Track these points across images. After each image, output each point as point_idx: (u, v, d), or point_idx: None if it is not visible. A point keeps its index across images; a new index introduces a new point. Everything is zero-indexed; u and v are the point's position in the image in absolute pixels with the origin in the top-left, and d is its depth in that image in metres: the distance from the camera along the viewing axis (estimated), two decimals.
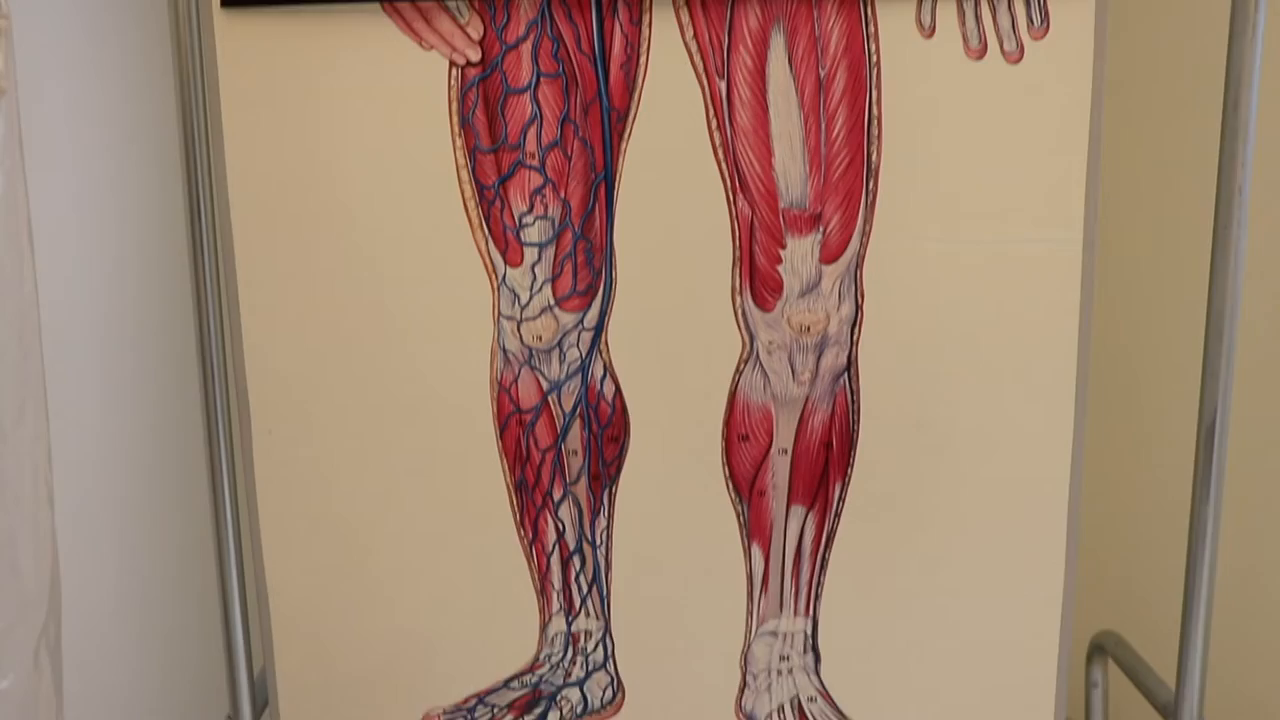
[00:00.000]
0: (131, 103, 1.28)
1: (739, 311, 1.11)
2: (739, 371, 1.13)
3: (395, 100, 1.09)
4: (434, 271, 1.11)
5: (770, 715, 1.20)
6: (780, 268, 1.11)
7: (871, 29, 1.07)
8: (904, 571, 1.16)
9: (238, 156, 1.10)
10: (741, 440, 1.14)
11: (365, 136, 1.09)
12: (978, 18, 1.07)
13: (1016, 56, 1.08)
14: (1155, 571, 1.41)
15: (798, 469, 1.15)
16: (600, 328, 1.12)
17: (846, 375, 1.13)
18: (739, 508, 1.15)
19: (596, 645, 1.19)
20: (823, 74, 1.08)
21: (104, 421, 1.30)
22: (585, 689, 1.20)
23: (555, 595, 1.17)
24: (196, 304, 1.11)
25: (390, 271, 1.11)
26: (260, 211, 1.11)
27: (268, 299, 1.12)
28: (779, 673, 1.19)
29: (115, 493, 1.32)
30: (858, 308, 1.11)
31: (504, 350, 1.13)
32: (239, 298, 1.12)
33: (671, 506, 1.15)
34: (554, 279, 1.11)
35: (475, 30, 1.08)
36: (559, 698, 1.20)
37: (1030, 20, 1.07)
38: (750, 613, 1.18)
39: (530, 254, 1.11)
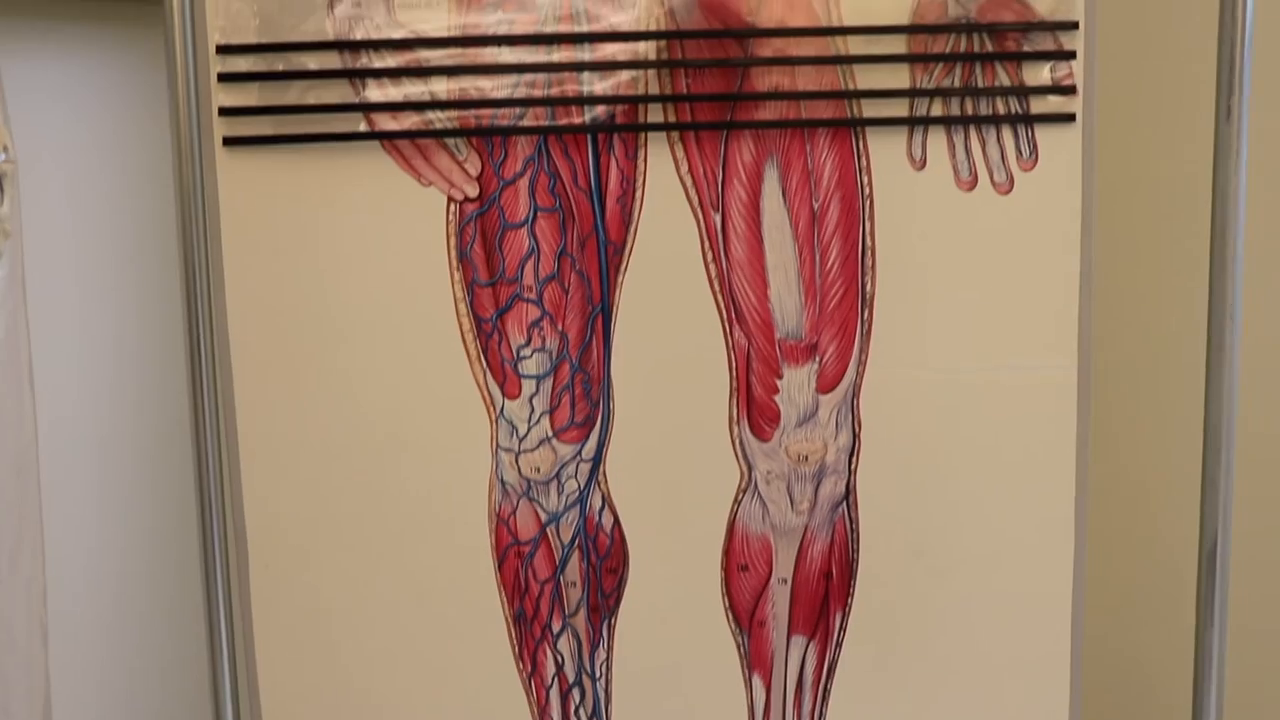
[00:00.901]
0: (133, 238, 1.29)
1: (737, 441, 1.12)
2: (737, 501, 1.12)
3: (394, 235, 1.10)
4: (432, 404, 1.11)
5: None
6: (777, 397, 1.11)
7: (864, 162, 1.09)
8: (907, 700, 1.15)
9: (238, 291, 1.11)
10: (741, 570, 1.13)
11: (364, 271, 1.10)
12: (968, 150, 1.09)
13: (1007, 187, 1.09)
14: (1162, 693, 1.40)
15: (798, 599, 1.14)
16: (598, 459, 1.12)
17: (845, 504, 1.12)
18: (739, 638, 1.14)
19: None
20: (816, 206, 1.09)
21: (100, 557, 1.29)
22: None
23: None
24: (195, 440, 1.11)
25: (388, 404, 1.11)
26: (259, 345, 1.11)
27: (266, 433, 1.12)
28: None
29: (111, 629, 1.31)
30: (855, 436, 1.12)
31: (502, 482, 1.12)
32: (237, 432, 1.12)
33: (671, 638, 1.14)
34: (552, 411, 1.12)
35: (473, 166, 1.09)
36: None
37: (1019, 151, 1.09)
38: None
39: (528, 386, 1.11)
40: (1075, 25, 1.08)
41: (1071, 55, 1.08)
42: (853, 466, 1.12)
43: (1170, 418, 1.34)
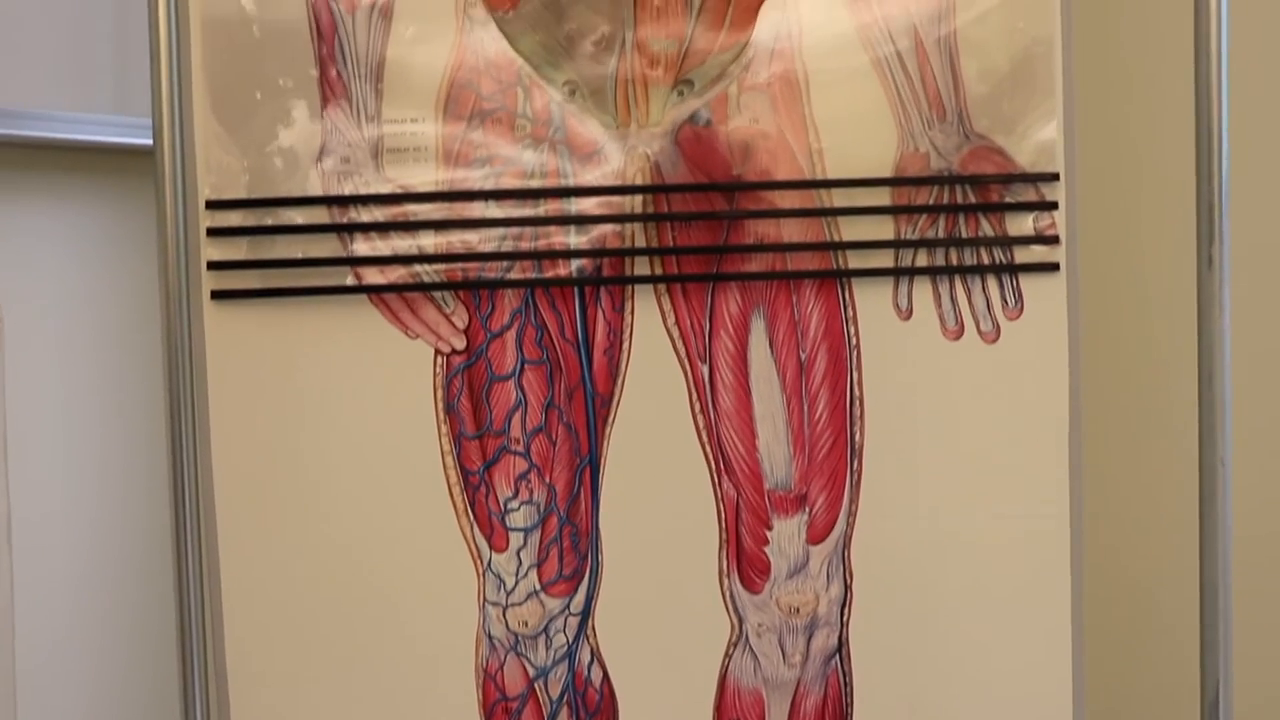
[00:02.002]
0: (119, 387, 1.29)
1: (727, 594, 1.10)
2: (728, 655, 1.11)
3: (380, 388, 1.10)
4: (419, 558, 1.10)
5: None
6: (767, 549, 1.10)
7: (850, 312, 1.09)
8: None
9: (223, 443, 1.10)
10: None
11: (350, 424, 1.10)
12: (953, 299, 1.09)
13: (993, 336, 1.09)
14: None
15: None
16: (587, 612, 1.11)
17: (838, 656, 1.11)
18: None
19: None
20: (803, 357, 1.09)
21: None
22: None
23: None
24: (178, 596, 1.09)
25: (375, 558, 1.10)
26: (244, 498, 1.10)
27: (250, 587, 1.10)
28: None
29: None
30: (847, 587, 1.10)
31: (489, 636, 1.11)
32: (221, 585, 1.10)
33: None
34: (540, 564, 1.10)
35: (460, 319, 1.10)
36: None
37: (1005, 301, 1.09)
38: None
39: (516, 539, 1.10)
40: (1056, 177, 1.09)
41: (1053, 206, 1.09)
42: (845, 618, 1.10)
43: (1163, 565, 1.33)
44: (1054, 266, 1.09)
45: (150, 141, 1.10)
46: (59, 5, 1.22)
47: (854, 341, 1.09)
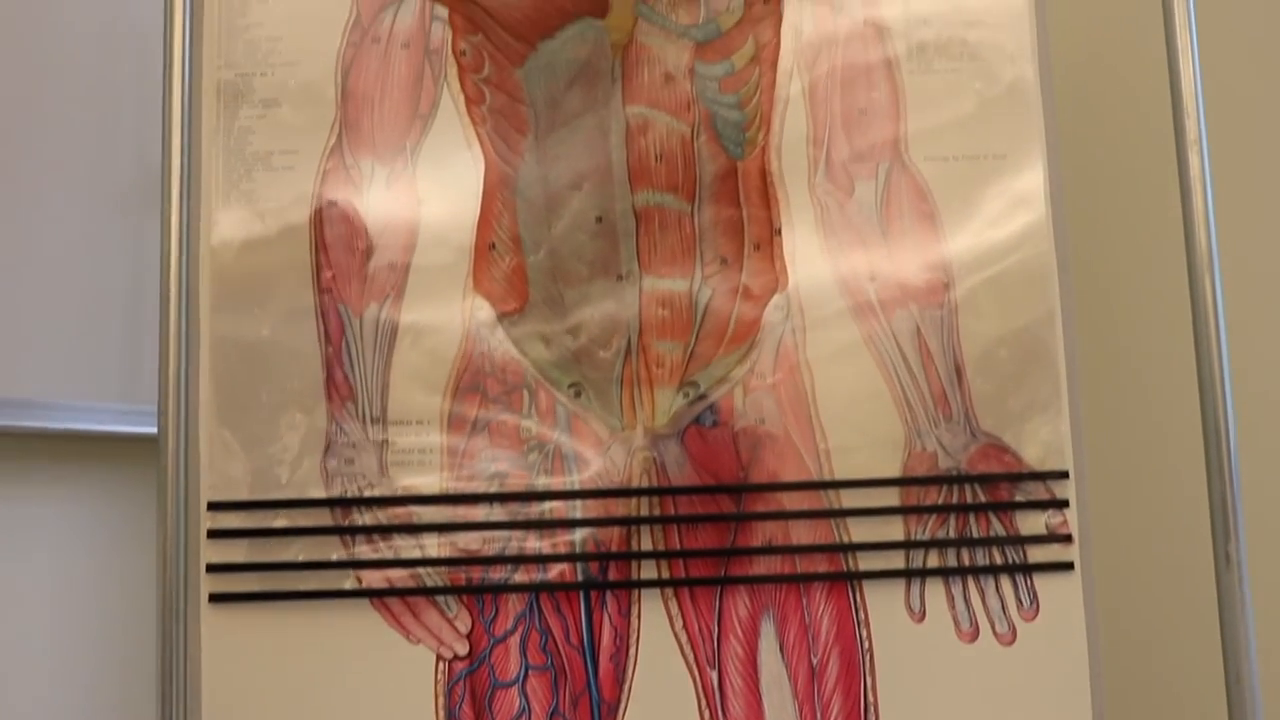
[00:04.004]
0: (112, 686, 1.25)
1: None
2: None
3: (380, 694, 1.07)
4: None
5: None
6: None
7: (862, 615, 1.07)
8: None
9: None
10: None
11: None
12: (967, 601, 1.07)
13: (1009, 638, 1.07)
14: None
15: None
16: None
17: None
18: None
19: None
20: (815, 661, 1.06)
21: None
22: None
23: None
24: None
25: None
26: None
27: None
28: None
29: None
30: None
31: None
32: None
33: None
34: None
35: (463, 624, 1.07)
36: None
37: (1019, 601, 1.07)
38: None
39: None
40: (1065, 474, 1.08)
41: (1065, 504, 1.08)
42: None
43: None
44: (1068, 565, 1.07)
45: (154, 430, 1.09)
46: (71, 296, 1.23)
47: (866, 645, 1.07)
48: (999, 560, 1.07)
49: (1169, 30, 1.13)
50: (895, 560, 1.07)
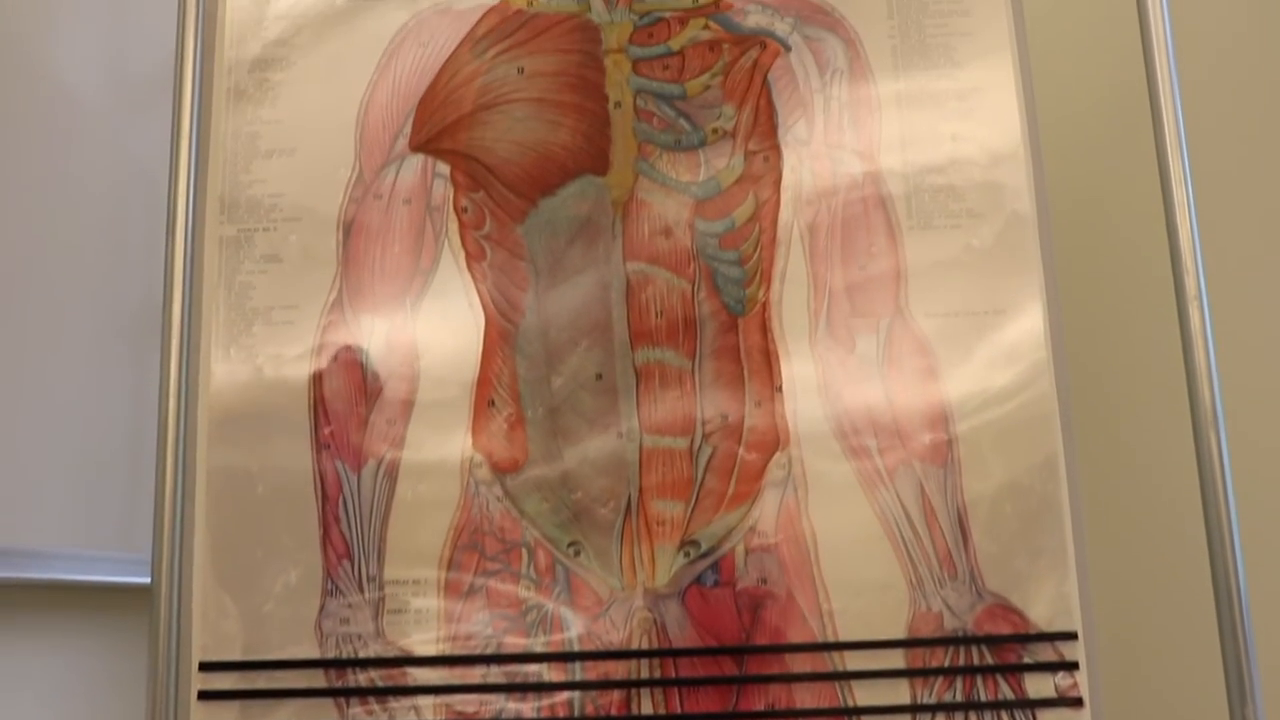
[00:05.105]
0: None
1: None
2: None
3: None
4: None
5: None
6: None
7: None
8: None
9: None
10: None
11: None
12: None
13: None
14: None
15: None
16: None
17: None
18: None
19: None
20: None
21: None
22: None
23: None
24: None
25: None
26: None
27: None
28: None
29: None
30: None
31: None
32: None
33: None
34: None
35: None
36: None
37: None
38: None
39: None
40: (1074, 635, 1.06)
41: (1074, 666, 1.06)
42: None
43: None
44: None
45: (148, 580, 1.08)
46: (71, 444, 1.23)
47: None
48: None
49: (1167, 199, 1.13)
50: None
